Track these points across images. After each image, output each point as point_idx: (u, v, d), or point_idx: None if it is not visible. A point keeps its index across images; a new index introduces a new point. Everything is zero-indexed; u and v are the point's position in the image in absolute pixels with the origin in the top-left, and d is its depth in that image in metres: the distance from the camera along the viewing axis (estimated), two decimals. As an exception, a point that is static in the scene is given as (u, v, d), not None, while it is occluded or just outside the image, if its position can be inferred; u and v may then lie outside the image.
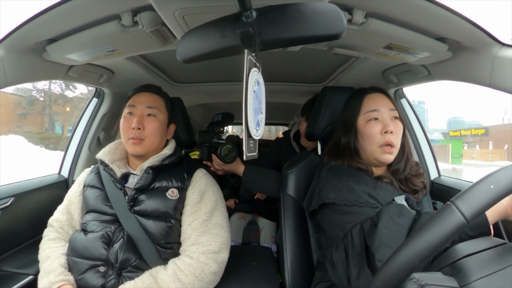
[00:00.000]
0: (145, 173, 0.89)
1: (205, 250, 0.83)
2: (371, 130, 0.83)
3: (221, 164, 1.22)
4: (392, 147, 0.81)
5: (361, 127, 0.85)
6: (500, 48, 0.77)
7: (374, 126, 0.83)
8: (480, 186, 0.42)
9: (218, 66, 1.38)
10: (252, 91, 0.50)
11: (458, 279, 0.45)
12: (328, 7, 0.52)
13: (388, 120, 0.83)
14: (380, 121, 0.83)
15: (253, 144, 0.52)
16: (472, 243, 0.54)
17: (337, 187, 0.78)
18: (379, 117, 0.83)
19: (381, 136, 0.82)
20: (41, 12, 0.71)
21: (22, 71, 0.88)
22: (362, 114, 0.86)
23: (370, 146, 0.83)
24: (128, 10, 0.71)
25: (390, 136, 0.81)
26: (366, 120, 0.84)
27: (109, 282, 0.79)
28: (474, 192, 0.42)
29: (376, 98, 0.86)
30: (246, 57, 0.49)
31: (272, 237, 1.71)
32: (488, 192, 0.41)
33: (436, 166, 1.38)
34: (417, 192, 0.84)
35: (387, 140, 0.81)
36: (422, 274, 0.45)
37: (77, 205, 0.93)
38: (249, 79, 0.49)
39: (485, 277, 0.43)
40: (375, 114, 0.84)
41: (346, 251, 0.70)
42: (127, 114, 0.93)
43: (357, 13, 0.71)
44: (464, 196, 0.42)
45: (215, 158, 1.22)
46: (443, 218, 0.41)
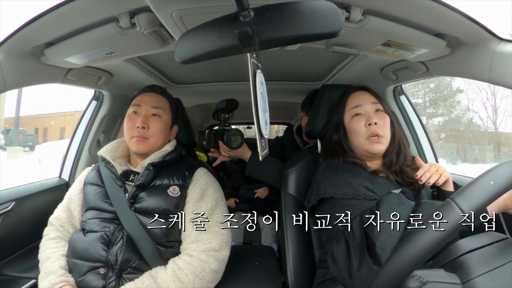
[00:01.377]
0: (146, 170, 0.89)
1: (206, 248, 0.83)
2: (356, 125, 0.87)
3: (228, 150, 1.22)
4: (379, 137, 0.84)
5: (347, 124, 0.90)
6: (499, 43, 0.77)
7: (359, 120, 0.87)
8: (480, 183, 0.42)
9: (217, 67, 1.38)
10: (259, 93, 0.51)
11: (460, 276, 0.45)
12: (325, 5, 0.51)
13: (371, 113, 0.87)
14: (364, 115, 0.87)
15: (264, 142, 0.54)
16: (473, 239, 0.55)
17: (334, 182, 0.81)
18: (362, 111, 0.88)
19: (366, 128, 0.86)
20: (38, 16, 0.71)
21: (21, 75, 0.88)
22: (347, 111, 0.91)
23: (358, 140, 0.87)
24: (126, 12, 0.71)
25: (375, 127, 0.84)
26: (351, 116, 0.89)
27: (110, 284, 0.79)
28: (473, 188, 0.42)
29: (358, 95, 0.92)
30: (250, 61, 0.49)
31: (273, 236, 1.71)
32: (487, 188, 0.41)
33: (436, 162, 1.38)
34: (412, 184, 0.85)
35: (372, 131, 0.84)
36: (424, 271, 0.46)
37: (77, 203, 0.93)
38: (256, 83, 0.50)
39: (487, 273, 0.43)
40: (358, 109, 0.89)
41: (346, 244, 0.71)
42: (131, 113, 0.94)
43: (355, 10, 0.71)
44: (463, 193, 0.42)
45: (222, 144, 1.22)
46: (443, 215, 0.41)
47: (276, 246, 1.63)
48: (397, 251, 0.43)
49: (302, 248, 0.98)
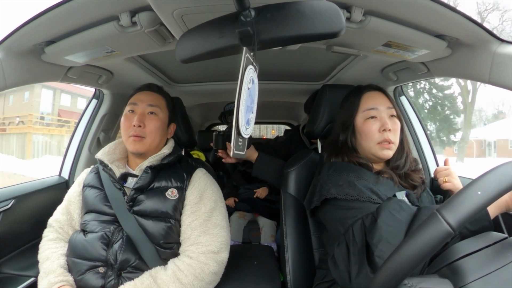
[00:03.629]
0: (144, 173, 0.89)
1: (205, 250, 0.83)
2: (369, 128, 0.84)
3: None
4: (390, 143, 0.83)
5: (359, 125, 0.86)
6: (499, 44, 0.77)
7: (373, 124, 0.84)
8: (466, 194, 0.41)
9: (217, 66, 1.38)
10: (246, 88, 0.49)
11: (454, 281, 0.44)
12: (326, 5, 0.51)
13: (386, 118, 0.84)
14: (378, 119, 0.84)
15: (242, 142, 0.51)
16: (470, 241, 0.54)
17: (338, 183, 0.79)
18: (377, 115, 0.84)
19: (379, 134, 0.83)
20: (39, 14, 0.71)
21: (21, 73, 0.88)
22: (360, 112, 0.87)
23: (368, 144, 0.84)
24: (127, 10, 0.71)
25: (388, 134, 0.82)
26: (365, 118, 0.85)
27: (109, 283, 0.79)
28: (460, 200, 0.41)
29: (374, 96, 0.88)
30: (244, 55, 0.48)
31: (272, 236, 1.71)
32: (474, 199, 0.40)
33: (437, 164, 1.38)
34: (416, 188, 0.85)
35: (385, 137, 0.82)
36: (416, 278, 0.45)
37: (76, 205, 0.93)
38: (244, 76, 0.48)
39: (481, 278, 0.42)
40: (373, 112, 0.85)
41: (347, 248, 0.70)
42: (128, 112, 0.94)
43: (356, 11, 0.71)
44: (449, 205, 0.41)
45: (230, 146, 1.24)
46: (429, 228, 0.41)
47: (275, 246, 1.63)
48: (387, 260, 0.43)
49: (302, 248, 0.98)
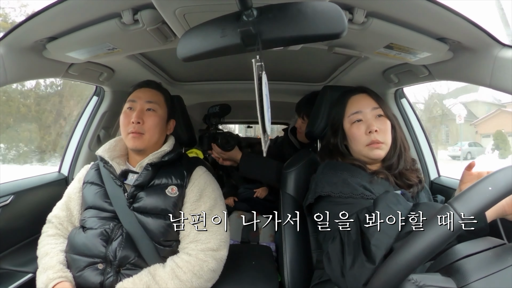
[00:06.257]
0: (145, 170, 0.89)
1: (204, 247, 0.83)
2: (356, 132, 0.85)
3: (220, 152, 1.28)
4: (379, 143, 0.83)
5: (347, 130, 0.88)
6: (501, 49, 0.77)
7: (359, 127, 0.85)
8: (478, 188, 0.42)
9: (219, 65, 1.38)
10: (265, 96, 0.52)
11: (456, 280, 0.45)
12: (329, 6, 0.51)
13: (372, 120, 0.85)
14: (364, 122, 0.85)
15: (266, 138, 0.56)
16: (471, 243, 0.54)
17: (332, 180, 0.80)
18: (363, 118, 0.86)
19: (366, 136, 0.84)
20: (41, 10, 0.71)
21: (22, 69, 0.88)
22: (346, 117, 0.89)
23: (358, 147, 0.86)
24: (129, 8, 0.71)
25: (375, 135, 0.83)
26: (351, 123, 0.87)
27: (108, 279, 0.79)
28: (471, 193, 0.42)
29: (358, 99, 0.89)
30: (254, 65, 0.50)
31: (271, 236, 1.71)
32: (486, 193, 0.41)
33: (436, 166, 1.39)
34: (412, 187, 0.85)
35: (372, 139, 0.83)
36: (420, 275, 0.46)
37: (76, 202, 0.93)
38: (262, 86, 0.51)
39: (483, 278, 0.43)
40: (358, 116, 0.86)
41: (341, 243, 0.70)
42: (127, 109, 0.94)
43: (358, 12, 0.71)
44: (461, 198, 0.42)
45: (215, 146, 1.28)
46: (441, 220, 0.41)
47: (274, 246, 1.63)
48: (394, 254, 0.43)
49: (300, 249, 0.98)
